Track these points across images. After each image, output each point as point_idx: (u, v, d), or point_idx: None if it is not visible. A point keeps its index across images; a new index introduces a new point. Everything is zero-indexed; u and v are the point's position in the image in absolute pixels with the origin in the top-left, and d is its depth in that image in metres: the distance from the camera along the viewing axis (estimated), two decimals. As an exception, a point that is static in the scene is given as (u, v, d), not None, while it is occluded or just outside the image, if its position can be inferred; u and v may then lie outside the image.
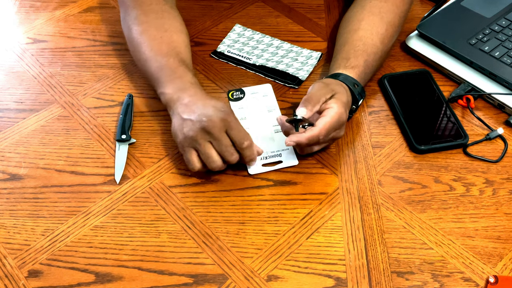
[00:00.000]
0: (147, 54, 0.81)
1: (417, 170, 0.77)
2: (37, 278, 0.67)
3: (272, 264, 0.68)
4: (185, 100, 0.73)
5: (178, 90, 0.75)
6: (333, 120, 0.72)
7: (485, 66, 0.85)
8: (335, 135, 0.75)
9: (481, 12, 0.93)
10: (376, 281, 0.66)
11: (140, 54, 0.82)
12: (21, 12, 1.02)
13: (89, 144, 0.81)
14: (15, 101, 0.87)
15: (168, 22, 0.84)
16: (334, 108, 0.72)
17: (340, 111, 0.72)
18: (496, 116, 0.84)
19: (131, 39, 0.84)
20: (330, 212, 0.73)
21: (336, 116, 0.72)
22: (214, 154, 0.71)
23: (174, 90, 0.76)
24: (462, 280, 0.66)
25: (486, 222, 0.71)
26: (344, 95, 0.75)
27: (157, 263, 0.68)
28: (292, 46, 0.93)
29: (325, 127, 0.71)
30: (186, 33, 0.85)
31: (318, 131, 0.71)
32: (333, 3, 1.02)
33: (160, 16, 0.84)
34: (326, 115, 0.72)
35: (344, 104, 0.74)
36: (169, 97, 0.76)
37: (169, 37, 0.82)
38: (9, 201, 0.74)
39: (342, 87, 0.76)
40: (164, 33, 0.82)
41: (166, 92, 0.76)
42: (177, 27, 0.84)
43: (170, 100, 0.75)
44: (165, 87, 0.77)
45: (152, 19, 0.83)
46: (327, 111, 0.72)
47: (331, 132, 0.72)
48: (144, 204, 0.74)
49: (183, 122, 0.72)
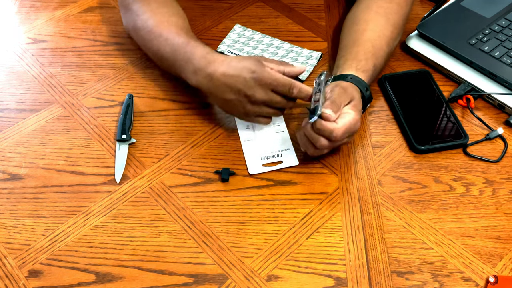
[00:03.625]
0: (157, 40, 0.81)
1: (417, 170, 0.77)
2: (37, 278, 0.67)
3: (272, 264, 0.68)
4: (214, 79, 0.74)
5: (198, 70, 0.75)
6: (350, 125, 0.71)
7: (485, 66, 0.85)
8: (346, 141, 0.75)
9: (481, 12, 0.93)
10: (376, 281, 0.66)
11: (150, 42, 0.83)
12: (21, 12, 1.02)
13: (89, 144, 0.81)
14: (15, 101, 0.87)
15: (171, 9, 0.85)
16: (351, 114, 0.72)
17: (357, 118, 0.72)
18: (496, 116, 0.84)
19: (137, 29, 0.85)
20: (330, 212, 0.73)
21: (353, 122, 0.72)
22: (273, 111, 0.76)
23: (194, 73, 0.76)
24: (462, 280, 0.66)
25: (486, 222, 0.71)
26: (360, 102, 0.75)
27: (157, 263, 0.68)
28: (292, 46, 0.93)
29: (344, 127, 0.70)
30: (187, 20, 0.86)
31: (334, 125, 0.70)
32: (333, 3, 1.02)
33: (162, 5, 0.85)
34: (344, 118, 0.71)
35: (359, 112, 0.74)
36: (195, 83, 0.77)
37: (174, 20, 0.83)
38: (9, 201, 0.74)
39: (358, 93, 0.76)
40: (169, 17, 0.83)
41: (189, 77, 0.77)
42: (180, 14, 0.86)
43: (198, 84, 0.76)
44: (185, 72, 0.78)
45: (155, 8, 0.84)
46: (345, 115, 0.71)
47: (345, 135, 0.72)
48: (144, 204, 0.74)
49: (229, 103, 0.75)
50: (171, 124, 0.83)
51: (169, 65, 0.81)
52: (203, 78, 0.75)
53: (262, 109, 0.75)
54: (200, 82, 0.75)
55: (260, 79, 0.71)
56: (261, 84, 0.71)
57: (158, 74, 0.89)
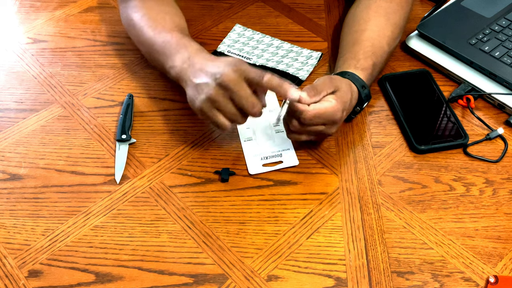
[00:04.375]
0: (150, 33, 0.81)
1: (417, 170, 0.77)
2: (37, 278, 0.67)
3: (272, 264, 0.68)
4: (195, 66, 0.72)
5: (187, 59, 0.74)
6: (325, 111, 0.70)
7: (485, 66, 0.85)
8: (324, 129, 0.73)
9: (481, 12, 0.93)
10: (376, 281, 0.66)
11: (143, 36, 0.82)
12: (21, 12, 1.02)
13: (89, 144, 0.81)
14: (15, 101, 0.87)
15: (167, 7, 0.85)
16: (331, 102, 0.71)
17: (336, 107, 0.71)
18: (496, 116, 0.84)
19: (132, 25, 0.84)
20: (330, 212, 0.73)
21: (330, 110, 0.70)
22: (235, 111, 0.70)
23: (182, 61, 0.75)
24: (462, 280, 0.66)
25: (486, 222, 0.71)
26: (346, 94, 0.74)
27: (157, 263, 0.68)
28: (292, 46, 0.93)
29: (314, 111, 0.70)
30: (184, 20, 0.86)
31: (305, 107, 0.69)
32: (333, 3, 1.02)
33: (160, 3, 0.85)
34: (320, 103, 0.71)
35: (343, 103, 0.72)
36: (178, 69, 0.75)
37: (170, 18, 0.83)
38: (9, 201, 0.74)
39: (348, 86, 0.75)
40: (165, 15, 0.83)
41: (174, 65, 0.75)
42: (176, 13, 0.85)
43: (180, 71, 0.74)
44: (173, 60, 0.76)
45: (152, 5, 0.84)
46: (323, 102, 0.71)
47: (317, 121, 0.71)
48: (144, 204, 0.74)
49: (197, 87, 0.70)
50: (171, 124, 0.83)
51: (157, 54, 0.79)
52: (188, 66, 0.73)
53: (225, 102, 0.69)
54: (183, 69, 0.74)
55: (236, 64, 0.69)
56: (234, 69, 0.68)
57: (158, 74, 0.89)
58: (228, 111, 0.70)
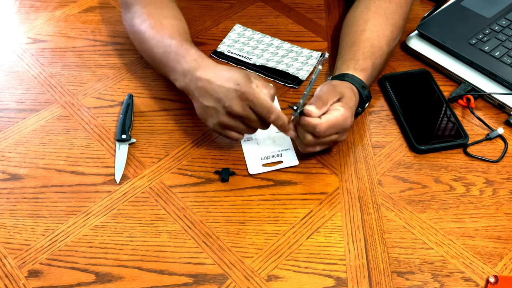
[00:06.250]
0: (151, 42, 0.81)
1: (417, 170, 0.77)
2: (37, 278, 0.67)
3: (272, 264, 0.68)
4: (198, 84, 0.73)
5: (187, 71, 0.75)
6: (337, 121, 0.71)
7: (485, 66, 0.85)
8: (337, 138, 0.74)
9: (481, 12, 0.93)
10: (376, 281, 0.66)
11: (144, 44, 0.82)
12: (21, 12, 1.02)
13: (89, 144, 0.81)
14: (15, 101, 0.87)
15: (166, 10, 0.85)
16: (340, 110, 0.72)
17: (346, 114, 0.72)
18: (496, 116, 0.84)
19: (133, 32, 0.85)
20: (330, 212, 0.73)
21: (340, 118, 0.71)
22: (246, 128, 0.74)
23: (183, 74, 0.75)
24: (462, 280, 0.66)
25: (486, 222, 0.71)
26: (351, 99, 0.74)
27: (157, 263, 0.68)
28: (292, 46, 0.93)
29: (327, 123, 0.70)
30: (184, 22, 0.86)
31: (318, 120, 0.70)
32: (333, 3, 1.02)
33: (159, 7, 0.85)
34: (330, 114, 0.71)
35: (350, 109, 0.73)
36: (182, 83, 0.76)
37: (169, 22, 0.83)
38: (9, 201, 0.74)
39: (350, 90, 0.75)
40: (164, 19, 0.83)
41: (176, 78, 0.77)
42: (176, 16, 0.85)
43: (185, 86, 0.76)
44: (174, 72, 0.77)
45: (151, 9, 0.84)
46: (332, 111, 0.72)
47: (331, 131, 0.72)
48: (144, 204, 0.74)
49: (206, 110, 0.73)
50: (171, 124, 0.83)
51: (161, 65, 0.81)
52: (190, 80, 0.74)
53: (236, 124, 0.73)
54: (187, 84, 0.75)
55: (242, 92, 0.70)
56: (241, 98, 0.70)
57: (158, 74, 0.89)
58: (240, 129, 0.74)
